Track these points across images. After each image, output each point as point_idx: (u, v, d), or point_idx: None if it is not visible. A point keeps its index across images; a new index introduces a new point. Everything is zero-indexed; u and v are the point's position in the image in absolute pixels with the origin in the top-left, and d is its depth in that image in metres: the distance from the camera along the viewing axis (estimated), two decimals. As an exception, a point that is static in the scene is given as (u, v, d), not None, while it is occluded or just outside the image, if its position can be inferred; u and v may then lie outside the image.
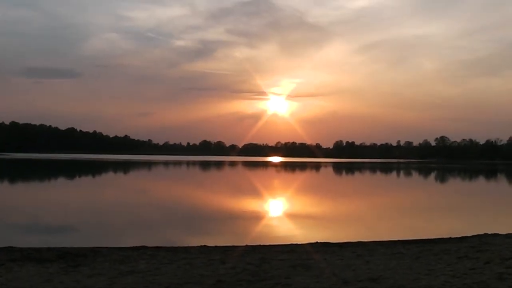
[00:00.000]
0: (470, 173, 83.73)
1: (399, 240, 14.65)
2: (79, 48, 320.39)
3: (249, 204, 27.28)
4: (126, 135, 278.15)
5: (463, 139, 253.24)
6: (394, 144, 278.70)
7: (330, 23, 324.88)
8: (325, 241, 14.24)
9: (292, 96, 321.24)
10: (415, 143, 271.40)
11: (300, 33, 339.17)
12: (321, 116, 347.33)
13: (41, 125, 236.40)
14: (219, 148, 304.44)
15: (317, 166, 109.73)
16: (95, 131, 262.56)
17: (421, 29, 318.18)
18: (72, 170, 68.79)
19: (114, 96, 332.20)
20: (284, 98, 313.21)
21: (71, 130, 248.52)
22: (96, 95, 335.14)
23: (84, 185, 42.36)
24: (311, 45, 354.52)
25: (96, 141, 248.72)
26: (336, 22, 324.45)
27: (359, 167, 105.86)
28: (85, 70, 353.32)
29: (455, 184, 55.36)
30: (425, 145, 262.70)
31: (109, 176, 56.89)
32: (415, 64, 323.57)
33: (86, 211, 22.68)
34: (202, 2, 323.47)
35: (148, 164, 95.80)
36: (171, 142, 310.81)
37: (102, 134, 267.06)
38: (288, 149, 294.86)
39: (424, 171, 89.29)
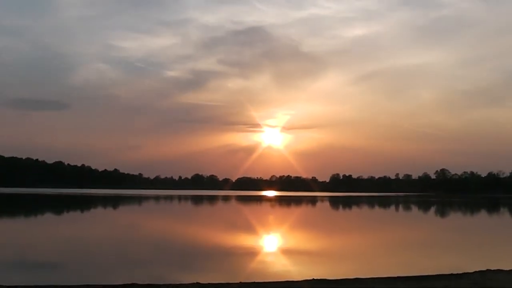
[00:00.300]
0: (471, 207, 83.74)
1: (398, 277, 14.60)
2: (67, 78, 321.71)
3: (243, 240, 27.16)
4: (115, 169, 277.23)
5: (464, 172, 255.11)
6: (393, 177, 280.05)
7: (326, 53, 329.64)
8: (321, 277, 14.21)
9: (287, 128, 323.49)
10: (415, 176, 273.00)
11: (295, 63, 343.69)
12: (317, 149, 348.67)
13: (28, 159, 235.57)
14: (212, 182, 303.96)
15: (313, 200, 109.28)
16: (83, 165, 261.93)
17: (420, 58, 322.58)
18: (60, 205, 68.22)
19: (103, 128, 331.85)
20: (278, 130, 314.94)
21: (59, 164, 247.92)
22: (84, 127, 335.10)
23: (72, 220, 42.04)
24: (306, 76, 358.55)
25: (84, 175, 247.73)
26: (332, 52, 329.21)
27: (357, 201, 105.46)
28: (73, 101, 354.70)
29: (456, 219, 55.32)
30: (425, 178, 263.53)
31: (98, 211, 56.47)
32: (414, 94, 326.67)
33: (74, 247, 22.49)
34: (193, 31, 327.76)
35: (139, 199, 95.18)
36: (162, 176, 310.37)
37: (91, 168, 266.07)
38: (283, 182, 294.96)
39: (424, 205, 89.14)
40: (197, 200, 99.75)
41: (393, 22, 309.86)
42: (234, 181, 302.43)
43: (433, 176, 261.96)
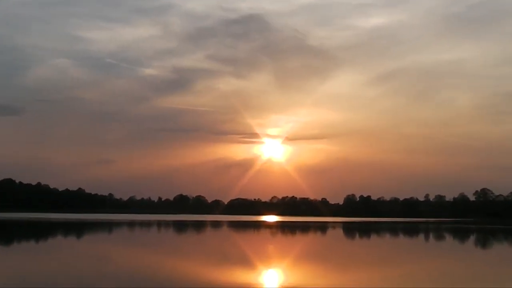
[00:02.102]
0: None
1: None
2: (19, 78, 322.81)
3: (237, 277, 26.85)
4: (80, 188, 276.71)
5: (511, 193, 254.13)
6: (422, 198, 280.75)
7: (338, 47, 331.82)
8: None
9: (290, 139, 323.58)
10: (449, 198, 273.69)
11: (300, 60, 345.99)
12: (327, 164, 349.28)
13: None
14: (199, 204, 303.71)
15: (323, 227, 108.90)
16: (39, 183, 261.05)
17: (452, 53, 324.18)
18: (9, 233, 67.58)
19: (65, 138, 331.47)
20: (280, 141, 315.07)
21: (9, 182, 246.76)
22: (41, 138, 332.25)
23: (25, 252, 41.58)
24: (314, 75, 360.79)
25: (41, 196, 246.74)
26: (345, 46, 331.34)
27: (377, 228, 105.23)
28: (28, 105, 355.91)
29: (503, 251, 54.87)
30: (461, 200, 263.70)
31: (57, 242, 55.96)
32: (446, 98, 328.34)
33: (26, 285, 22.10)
34: (176, 20, 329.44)
35: (108, 225, 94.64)
36: (138, 197, 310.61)
37: (49, 187, 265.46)
38: (287, 205, 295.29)
39: (461, 234, 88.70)
40: (181, 227, 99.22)
41: (419, 9, 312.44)
42: (226, 203, 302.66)
43: (472, 198, 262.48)
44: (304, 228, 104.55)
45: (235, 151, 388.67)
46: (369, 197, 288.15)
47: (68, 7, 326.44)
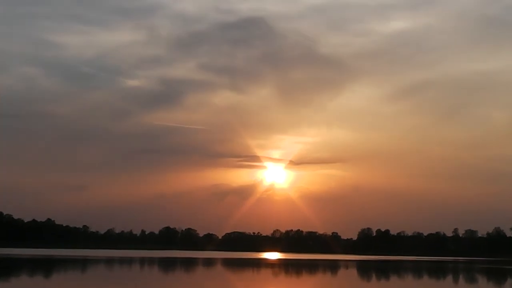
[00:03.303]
0: None
1: None
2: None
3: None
4: (49, 219, 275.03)
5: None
6: (449, 233, 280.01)
7: (353, 56, 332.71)
8: None
9: (296, 163, 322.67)
10: (482, 233, 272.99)
11: (309, 71, 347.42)
12: (339, 192, 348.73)
13: None
14: (189, 238, 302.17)
15: (333, 266, 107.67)
16: (1, 213, 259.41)
17: (487, 63, 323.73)
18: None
19: (32, 160, 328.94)
20: (284, 166, 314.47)
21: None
22: (3, 159, 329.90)
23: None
24: (325, 88, 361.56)
25: (2, 228, 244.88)
26: (362, 54, 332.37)
27: (397, 268, 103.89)
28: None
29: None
30: (497, 236, 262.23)
31: (17, 284, 55.05)
32: (480, 114, 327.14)
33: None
34: (164, 24, 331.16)
35: (82, 263, 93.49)
36: (118, 230, 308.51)
37: (12, 218, 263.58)
38: (291, 240, 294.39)
39: (497, 276, 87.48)
40: (167, 265, 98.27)
41: (448, 12, 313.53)
42: (220, 237, 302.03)
43: (508, 233, 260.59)
44: (312, 267, 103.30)
45: (232, 177, 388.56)
46: (387, 231, 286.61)
47: (37, 7, 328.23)
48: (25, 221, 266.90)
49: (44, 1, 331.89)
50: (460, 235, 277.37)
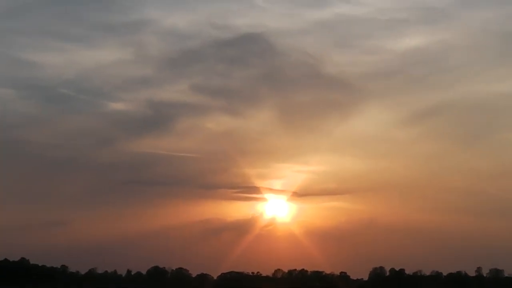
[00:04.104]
0: None
1: None
2: None
3: None
4: (23, 258, 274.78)
5: None
6: (472, 273, 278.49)
7: (362, 76, 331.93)
8: None
9: (300, 195, 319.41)
10: (508, 272, 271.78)
11: (314, 92, 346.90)
12: (348, 227, 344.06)
13: None
14: (180, 279, 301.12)
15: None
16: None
17: (511, 84, 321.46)
18: None
19: (3, 192, 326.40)
20: (287, 198, 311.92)
21: None
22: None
23: None
24: (332, 112, 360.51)
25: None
26: (372, 74, 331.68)
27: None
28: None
29: None
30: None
31: None
32: (503, 140, 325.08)
33: None
34: (153, 41, 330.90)
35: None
36: (101, 270, 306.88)
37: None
38: (295, 281, 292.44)
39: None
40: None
41: (468, 26, 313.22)
42: (215, 278, 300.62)
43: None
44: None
45: (228, 210, 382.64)
46: (402, 270, 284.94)
47: (11, 21, 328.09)
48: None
49: (19, 15, 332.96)
50: (484, 275, 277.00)
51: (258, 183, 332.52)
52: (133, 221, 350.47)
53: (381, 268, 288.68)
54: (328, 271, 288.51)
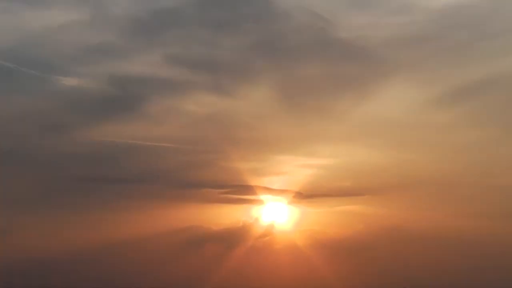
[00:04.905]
0: None
1: None
2: None
3: None
4: None
5: None
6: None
7: (385, 43, 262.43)
8: None
9: (306, 196, 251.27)
10: None
11: (323, 64, 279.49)
12: (368, 238, 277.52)
13: None
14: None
15: None
16: None
17: None
18: None
19: None
20: (289, 200, 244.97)
21: None
22: None
23: None
24: (346, 89, 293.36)
25: None
26: (398, 40, 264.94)
27: None
28: None
29: None
30: None
31: None
32: None
33: None
34: None
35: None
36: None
37: None
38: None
39: None
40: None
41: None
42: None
43: None
44: None
45: (213, 216, 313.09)
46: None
47: None
48: None
49: None
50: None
51: (252, 181, 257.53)
52: (92, 230, 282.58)
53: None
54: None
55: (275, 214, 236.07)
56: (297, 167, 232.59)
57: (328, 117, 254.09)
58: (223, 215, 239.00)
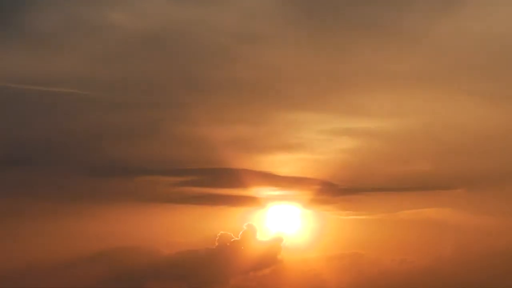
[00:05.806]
0: None
1: None
2: None
3: None
4: None
5: None
6: None
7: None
8: None
9: (341, 191, 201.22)
10: None
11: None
12: (464, 269, 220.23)
13: None
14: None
15: None
16: None
17: None
18: None
19: None
20: (308, 199, 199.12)
21: None
22: None
23: None
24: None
25: None
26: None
27: None
28: None
29: None
30: None
31: None
32: None
33: None
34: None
35: None
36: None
37: None
38: None
39: None
40: None
41: None
42: None
43: None
44: None
45: (165, 228, 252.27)
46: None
47: None
48: None
49: None
50: None
51: (237, 161, 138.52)
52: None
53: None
54: None
55: (283, 225, 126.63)
56: (324, 135, 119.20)
57: (383, 42, 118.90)
58: (183, 227, 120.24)
